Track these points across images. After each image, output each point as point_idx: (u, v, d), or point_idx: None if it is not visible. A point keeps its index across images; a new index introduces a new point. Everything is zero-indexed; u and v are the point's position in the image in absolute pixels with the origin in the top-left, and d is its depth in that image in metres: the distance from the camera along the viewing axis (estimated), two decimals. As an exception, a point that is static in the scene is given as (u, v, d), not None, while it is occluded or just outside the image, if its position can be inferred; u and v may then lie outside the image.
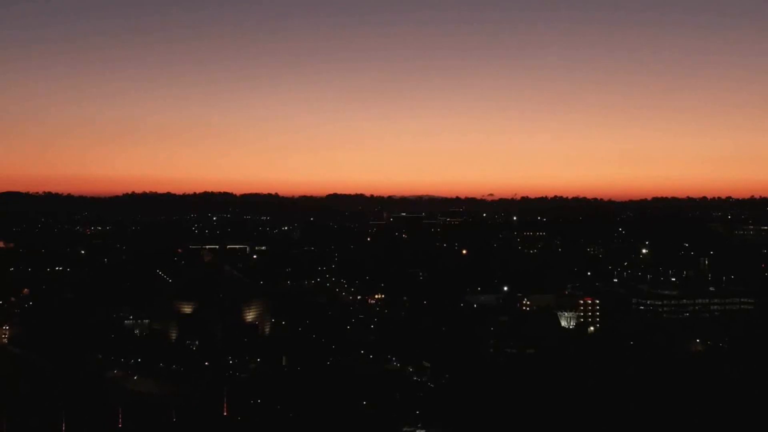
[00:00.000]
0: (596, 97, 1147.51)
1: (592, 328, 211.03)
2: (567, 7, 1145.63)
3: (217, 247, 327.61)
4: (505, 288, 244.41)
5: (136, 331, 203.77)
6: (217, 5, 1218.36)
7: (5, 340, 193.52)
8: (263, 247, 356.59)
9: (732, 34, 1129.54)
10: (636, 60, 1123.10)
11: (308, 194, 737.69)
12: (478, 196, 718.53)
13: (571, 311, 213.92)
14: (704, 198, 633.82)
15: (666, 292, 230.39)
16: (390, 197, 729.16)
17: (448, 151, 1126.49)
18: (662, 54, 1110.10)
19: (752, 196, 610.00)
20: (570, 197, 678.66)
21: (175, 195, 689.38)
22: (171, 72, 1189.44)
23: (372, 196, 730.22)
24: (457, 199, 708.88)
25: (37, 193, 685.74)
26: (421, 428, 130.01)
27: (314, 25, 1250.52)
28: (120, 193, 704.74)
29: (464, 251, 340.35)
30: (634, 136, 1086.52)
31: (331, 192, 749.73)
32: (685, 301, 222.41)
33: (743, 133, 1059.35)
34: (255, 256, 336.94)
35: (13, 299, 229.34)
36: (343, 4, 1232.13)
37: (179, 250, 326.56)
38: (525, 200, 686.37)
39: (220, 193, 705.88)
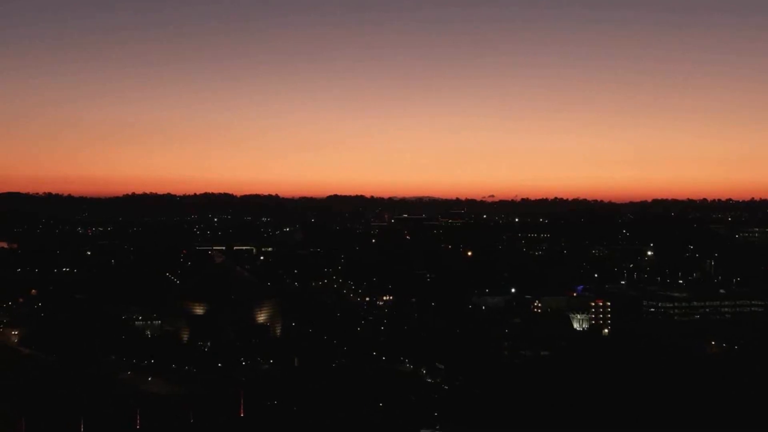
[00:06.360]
0: (596, 99, 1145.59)
1: (605, 330, 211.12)
2: (567, 7, 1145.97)
3: (224, 248, 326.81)
4: (513, 290, 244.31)
5: (147, 332, 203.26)
6: (218, 5, 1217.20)
7: (15, 341, 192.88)
8: (269, 248, 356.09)
9: (734, 35, 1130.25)
10: (636, 62, 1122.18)
11: (308, 195, 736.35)
12: (479, 198, 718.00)
13: (583, 313, 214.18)
14: (704, 200, 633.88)
15: (676, 294, 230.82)
16: (390, 198, 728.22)
17: (448, 152, 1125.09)
18: (663, 56, 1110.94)
19: (752, 198, 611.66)
20: (570, 199, 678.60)
21: (175, 196, 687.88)
22: (171, 72, 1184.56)
23: (372, 197, 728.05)
24: (458, 200, 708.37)
25: (37, 193, 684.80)
26: (439, 430, 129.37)
27: (314, 25, 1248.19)
28: (120, 194, 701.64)
29: (469, 253, 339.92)
30: (633, 138, 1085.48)
31: (332, 193, 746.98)
32: (695, 303, 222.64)
33: (743, 135, 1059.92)
34: (261, 257, 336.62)
35: (21, 300, 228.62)
36: (344, 4, 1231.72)
37: (184, 251, 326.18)
38: (525, 202, 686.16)
39: (220, 194, 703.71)
